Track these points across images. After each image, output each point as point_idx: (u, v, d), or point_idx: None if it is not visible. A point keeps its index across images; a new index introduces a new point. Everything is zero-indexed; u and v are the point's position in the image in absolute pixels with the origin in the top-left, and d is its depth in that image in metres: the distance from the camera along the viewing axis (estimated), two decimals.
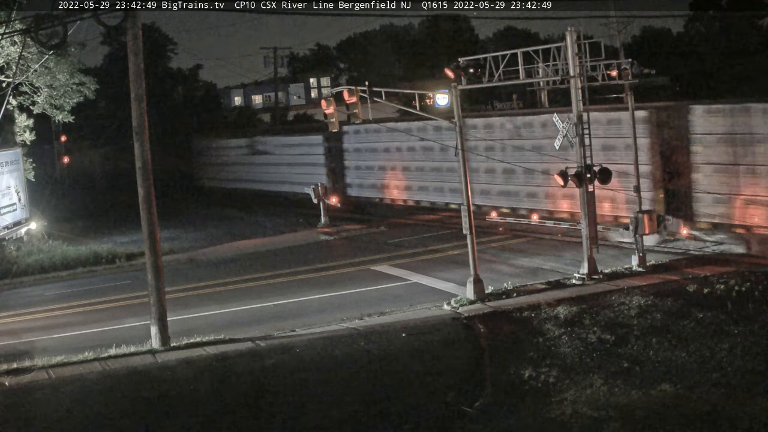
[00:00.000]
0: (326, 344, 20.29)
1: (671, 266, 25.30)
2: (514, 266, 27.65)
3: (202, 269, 32.05)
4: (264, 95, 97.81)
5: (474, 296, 23.34)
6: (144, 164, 21.33)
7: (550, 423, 14.92)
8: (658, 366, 17.16)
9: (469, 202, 23.94)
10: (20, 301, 28.97)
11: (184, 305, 25.33)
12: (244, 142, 55.57)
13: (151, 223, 21.46)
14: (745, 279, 22.41)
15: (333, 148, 44.03)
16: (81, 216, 47.10)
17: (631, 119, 25.78)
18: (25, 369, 19.69)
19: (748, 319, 19.28)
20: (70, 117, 36.80)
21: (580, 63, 24.46)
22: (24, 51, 30.71)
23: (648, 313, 20.42)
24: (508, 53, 25.28)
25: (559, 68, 25.03)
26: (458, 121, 23.75)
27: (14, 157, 37.68)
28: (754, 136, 25.24)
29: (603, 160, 25.74)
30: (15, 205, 37.26)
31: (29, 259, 33.72)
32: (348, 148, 43.47)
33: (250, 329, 22.24)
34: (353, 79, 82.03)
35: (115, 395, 17.92)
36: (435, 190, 37.78)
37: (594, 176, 24.38)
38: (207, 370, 19.13)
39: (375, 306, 23.72)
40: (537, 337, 19.57)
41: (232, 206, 50.59)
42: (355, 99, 24.65)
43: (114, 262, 33.62)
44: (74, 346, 21.42)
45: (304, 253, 33.46)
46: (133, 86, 21.22)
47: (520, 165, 31.60)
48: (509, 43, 62.23)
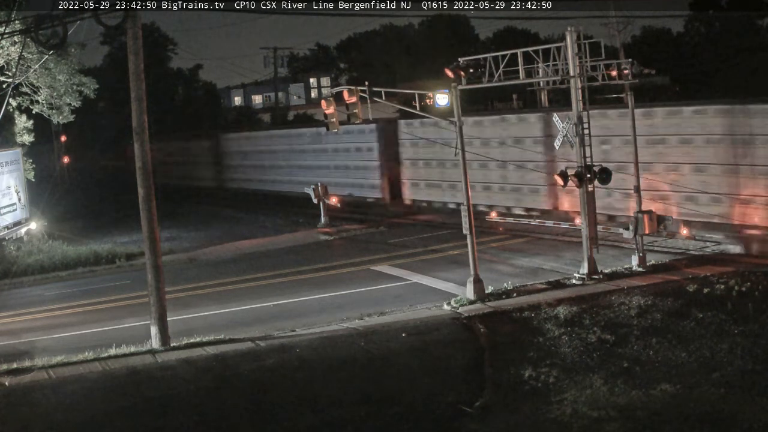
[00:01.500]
0: (326, 344, 20.29)
1: (671, 266, 25.30)
2: (514, 266, 27.66)
3: (202, 269, 32.06)
4: (264, 95, 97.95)
5: (474, 296, 23.33)
6: (144, 164, 21.32)
7: (550, 423, 14.92)
8: (658, 366, 17.16)
9: (469, 202, 23.93)
10: (20, 301, 28.98)
11: (184, 305, 25.33)
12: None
13: (151, 223, 21.46)
14: (745, 279, 22.42)
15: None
16: (81, 216, 47.10)
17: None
18: (25, 369, 19.68)
19: (748, 319, 19.29)
20: (71, 117, 36.81)
21: (580, 63, 24.46)
22: (24, 51, 30.71)
23: (648, 313, 20.42)
24: (508, 53, 25.26)
25: (559, 68, 25.00)
26: (458, 121, 23.75)
27: (14, 157, 37.69)
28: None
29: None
30: (15, 205, 37.27)
31: (29, 259, 33.71)
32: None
33: (250, 329, 22.24)
34: (353, 79, 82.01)
35: (115, 395, 17.92)
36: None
37: (594, 176, 24.39)
38: (207, 370, 19.13)
39: (375, 306, 23.72)
40: (537, 337, 19.58)
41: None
42: (355, 99, 24.66)
43: (114, 262, 33.60)
44: (74, 346, 21.42)
45: (304, 253, 33.48)
46: (133, 86, 21.21)
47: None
48: (509, 43, 62.24)
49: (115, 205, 50.25)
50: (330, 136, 39.93)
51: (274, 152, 51.36)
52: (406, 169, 40.38)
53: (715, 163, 27.10)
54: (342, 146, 43.98)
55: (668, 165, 28.47)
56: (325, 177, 43.34)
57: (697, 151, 27.65)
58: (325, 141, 44.78)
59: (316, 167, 46.05)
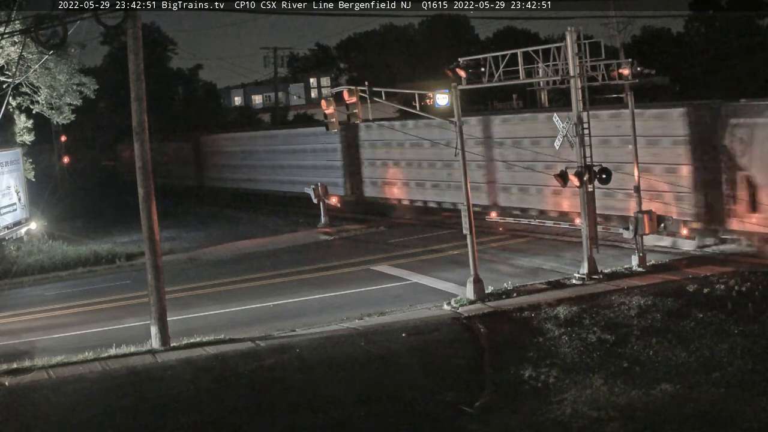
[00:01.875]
0: (326, 344, 20.29)
1: (671, 266, 25.30)
2: (514, 266, 27.66)
3: (202, 269, 32.07)
4: (264, 95, 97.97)
5: (474, 296, 23.33)
6: (144, 164, 21.32)
7: (550, 423, 14.91)
8: (658, 366, 17.16)
9: (469, 202, 23.94)
10: (20, 301, 28.98)
11: (184, 305, 25.33)
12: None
13: (151, 223, 21.46)
14: (745, 279, 22.41)
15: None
16: (81, 216, 47.07)
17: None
18: (25, 369, 19.68)
19: (748, 319, 19.28)
20: (71, 116, 36.81)
21: (580, 63, 24.45)
22: (24, 51, 30.71)
23: (648, 313, 20.42)
24: (508, 53, 25.26)
25: (559, 68, 25.01)
26: (458, 121, 23.75)
27: (14, 157, 37.71)
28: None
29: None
30: (15, 205, 37.28)
31: (29, 259, 33.72)
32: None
33: (250, 329, 22.24)
34: (353, 79, 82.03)
35: (115, 395, 17.92)
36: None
37: (594, 176, 24.38)
38: (207, 370, 19.13)
39: (375, 306, 23.72)
40: (537, 337, 19.57)
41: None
42: (355, 99, 24.66)
43: (114, 262, 33.62)
44: (74, 346, 21.42)
45: (304, 253, 33.47)
46: (133, 86, 21.21)
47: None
48: (509, 43, 62.23)
49: (115, 205, 50.27)
50: (299, 138, 45.69)
51: (252, 153, 53.07)
52: (365, 168, 41.94)
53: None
54: (310, 147, 46.10)
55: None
56: (296, 176, 45.58)
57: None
58: (296, 142, 47.23)
59: (287, 167, 47.95)
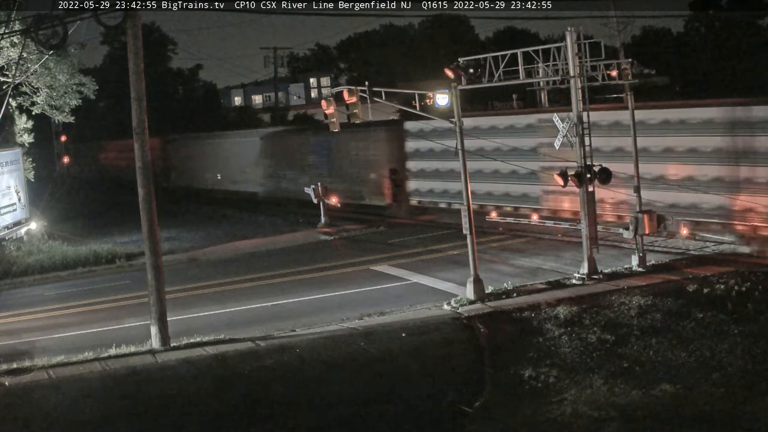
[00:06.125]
0: (326, 344, 20.28)
1: (671, 266, 25.29)
2: (514, 266, 27.66)
3: (202, 269, 32.04)
4: (264, 95, 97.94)
5: (474, 296, 23.33)
6: (144, 164, 21.32)
7: (550, 423, 14.92)
8: (658, 366, 17.17)
9: (469, 202, 23.94)
10: (20, 301, 28.96)
11: (184, 305, 25.32)
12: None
13: (151, 223, 21.46)
14: (745, 279, 22.41)
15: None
16: (81, 216, 47.04)
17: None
18: (25, 369, 19.67)
19: (748, 319, 19.29)
20: (71, 117, 36.81)
21: (580, 63, 24.44)
22: (24, 51, 30.69)
23: (648, 313, 20.42)
24: (508, 53, 25.25)
25: (559, 68, 25.00)
26: (458, 122, 23.75)
27: (14, 157, 37.69)
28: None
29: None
30: (15, 205, 37.27)
31: (29, 259, 33.69)
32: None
33: (250, 329, 22.23)
34: (353, 79, 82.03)
35: (115, 395, 17.92)
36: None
37: (594, 176, 24.38)
38: (207, 370, 19.13)
39: (375, 306, 23.72)
40: (537, 337, 19.57)
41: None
42: (355, 99, 24.65)
43: (114, 262, 33.60)
44: (74, 346, 21.41)
45: (304, 253, 33.47)
46: (133, 86, 21.20)
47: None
48: (509, 43, 62.20)
49: (115, 205, 50.26)
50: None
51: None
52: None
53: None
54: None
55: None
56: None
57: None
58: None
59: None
